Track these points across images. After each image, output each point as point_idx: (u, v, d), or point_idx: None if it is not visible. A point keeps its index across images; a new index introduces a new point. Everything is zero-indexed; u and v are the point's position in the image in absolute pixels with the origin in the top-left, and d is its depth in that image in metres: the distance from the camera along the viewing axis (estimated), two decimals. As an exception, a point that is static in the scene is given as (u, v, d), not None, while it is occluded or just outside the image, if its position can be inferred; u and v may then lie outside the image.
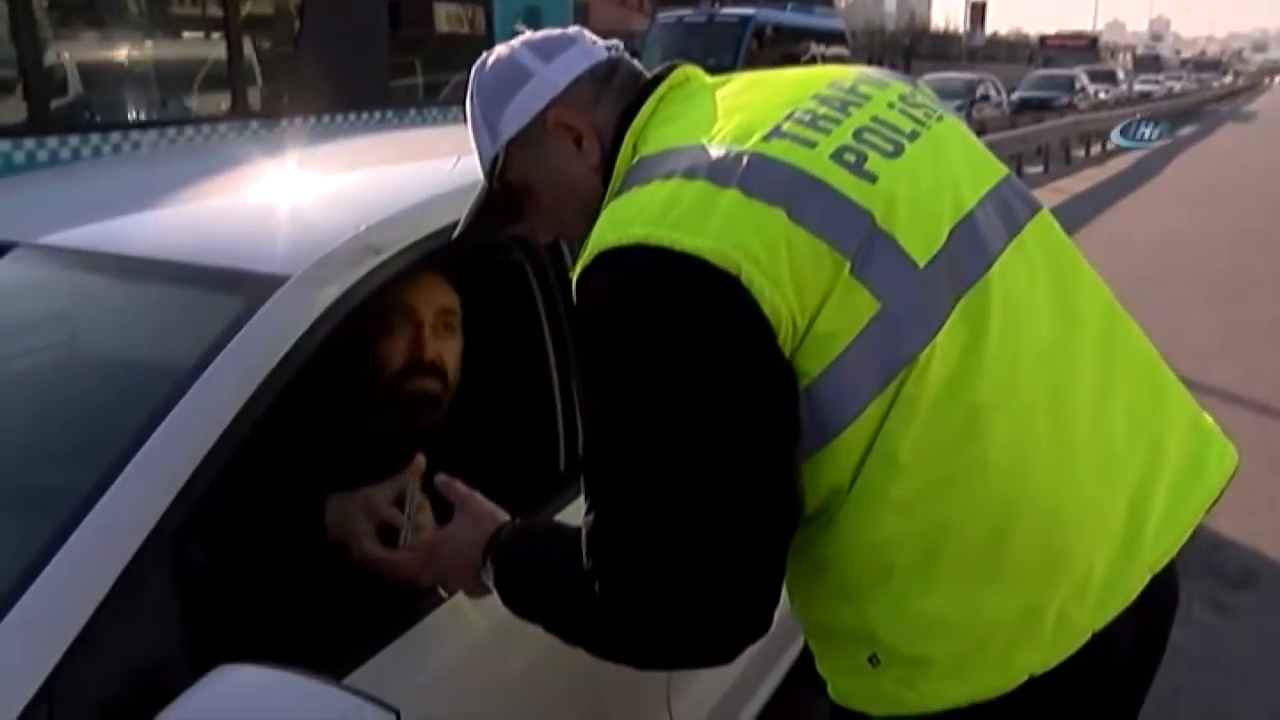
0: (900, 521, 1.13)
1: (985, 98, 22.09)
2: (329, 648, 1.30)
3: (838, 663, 1.24)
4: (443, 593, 1.44)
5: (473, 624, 1.47)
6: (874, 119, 1.23)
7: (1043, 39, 61.22)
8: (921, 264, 1.14)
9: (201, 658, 1.12)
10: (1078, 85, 28.63)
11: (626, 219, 1.11)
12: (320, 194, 1.90)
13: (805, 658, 2.35)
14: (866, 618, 1.16)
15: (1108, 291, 1.34)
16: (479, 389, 1.79)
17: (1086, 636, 1.17)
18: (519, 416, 1.84)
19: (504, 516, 1.37)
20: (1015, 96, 25.73)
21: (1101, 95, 30.63)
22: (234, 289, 1.39)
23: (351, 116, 7.75)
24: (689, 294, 1.07)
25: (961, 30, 51.64)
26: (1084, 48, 54.60)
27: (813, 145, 1.16)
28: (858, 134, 1.19)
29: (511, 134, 1.30)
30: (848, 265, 1.09)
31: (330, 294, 1.39)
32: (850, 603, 1.17)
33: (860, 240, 1.11)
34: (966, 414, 1.12)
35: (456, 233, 1.45)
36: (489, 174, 1.34)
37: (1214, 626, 3.45)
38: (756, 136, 1.16)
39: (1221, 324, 7.49)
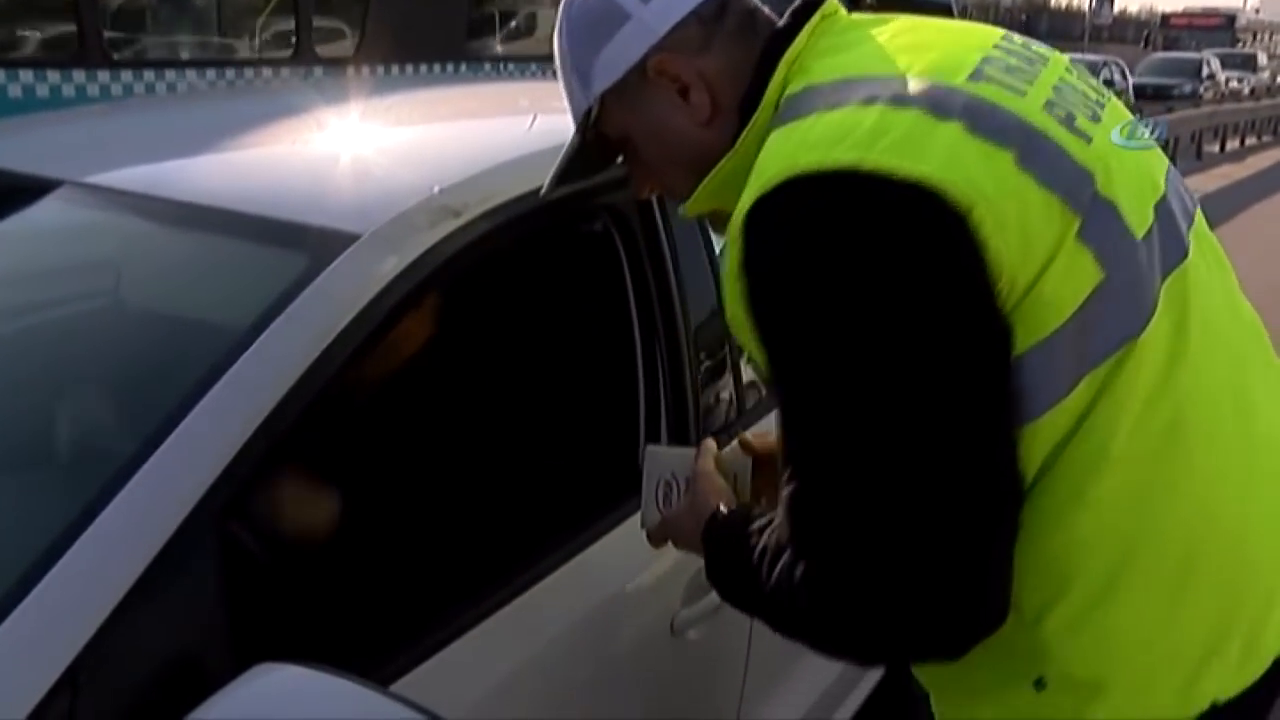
0: (1096, 524, 1.07)
1: (1109, 82, 21.49)
2: (379, 648, 1.26)
3: (988, 689, 1.16)
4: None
5: (532, 634, 1.43)
6: (1061, 80, 1.16)
7: (1165, 17, 59.20)
8: (1139, 237, 1.09)
9: (242, 651, 1.08)
10: (1205, 71, 27.23)
11: (825, 142, 1.02)
12: (393, 148, 1.86)
13: (881, 693, 2.30)
14: (1040, 632, 1.09)
15: None
16: (558, 367, 1.75)
17: (1272, 659, 1.14)
18: (599, 401, 1.80)
19: (728, 495, 1.31)
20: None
21: (1235, 84, 29.45)
22: (298, 245, 1.35)
23: (424, 68, 7.75)
24: (912, 227, 0.99)
25: (1086, 7, 50.45)
26: (1217, 28, 52.81)
27: (1022, 94, 1.09)
28: (1057, 90, 1.13)
29: (606, 86, 1.23)
30: (1077, 224, 1.03)
31: (404, 257, 1.34)
32: (1021, 615, 1.08)
33: (1088, 200, 1.05)
34: (1173, 410, 1.08)
35: (545, 188, 1.38)
36: (581, 125, 1.28)
37: None
38: (962, 75, 1.08)
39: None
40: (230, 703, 1.00)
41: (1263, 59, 35.71)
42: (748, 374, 1.93)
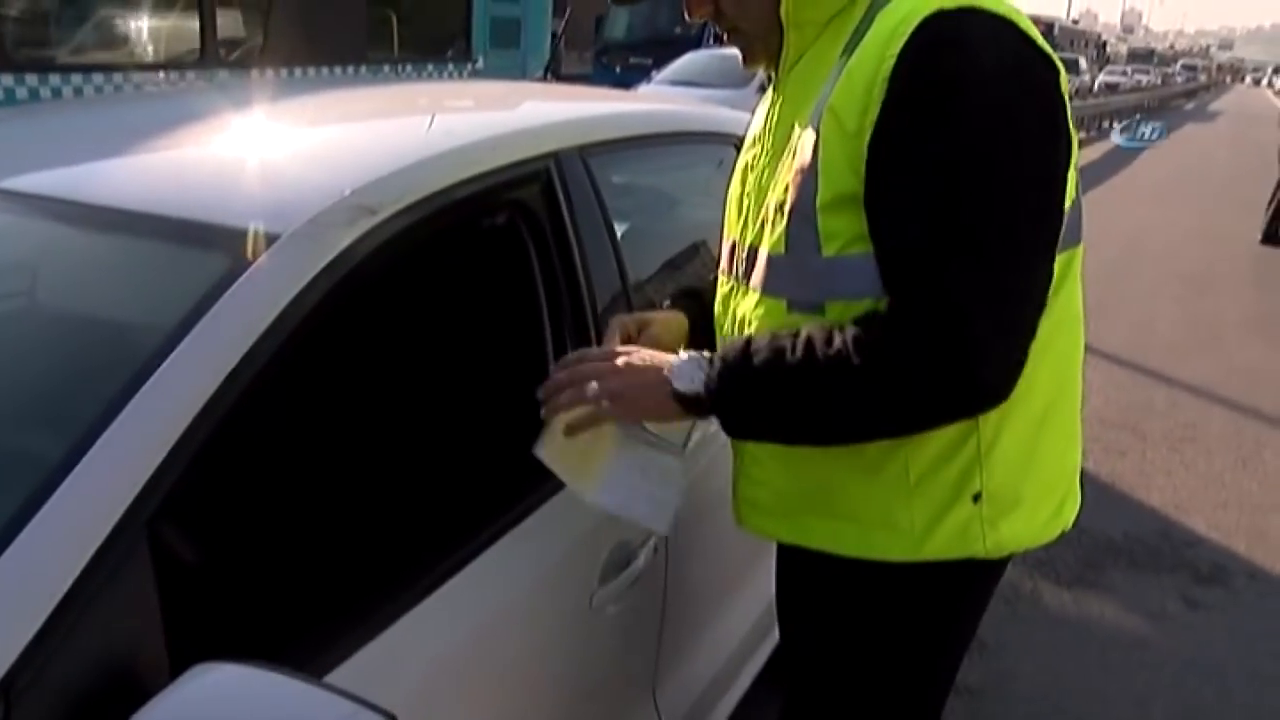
0: (1048, 369, 1.34)
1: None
2: (313, 641, 1.20)
3: (927, 506, 1.35)
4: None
5: (456, 622, 1.38)
6: None
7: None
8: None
9: (179, 653, 1.02)
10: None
11: None
12: (306, 149, 1.77)
13: (774, 658, 2.33)
14: (993, 452, 1.34)
15: None
16: (473, 358, 1.70)
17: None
18: (512, 390, 1.75)
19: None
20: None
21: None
22: (218, 247, 1.28)
23: (325, 70, 7.55)
24: (1050, 67, 1.24)
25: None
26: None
27: None
28: None
29: None
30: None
31: (324, 255, 1.28)
32: (980, 435, 1.33)
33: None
34: (1072, 315, 1.41)
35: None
36: None
37: (1186, 622, 3.44)
38: None
39: (1191, 320, 7.52)
40: (170, 704, 0.93)
41: (1083, 63, 36.98)
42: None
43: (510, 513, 1.53)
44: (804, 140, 1.28)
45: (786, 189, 1.30)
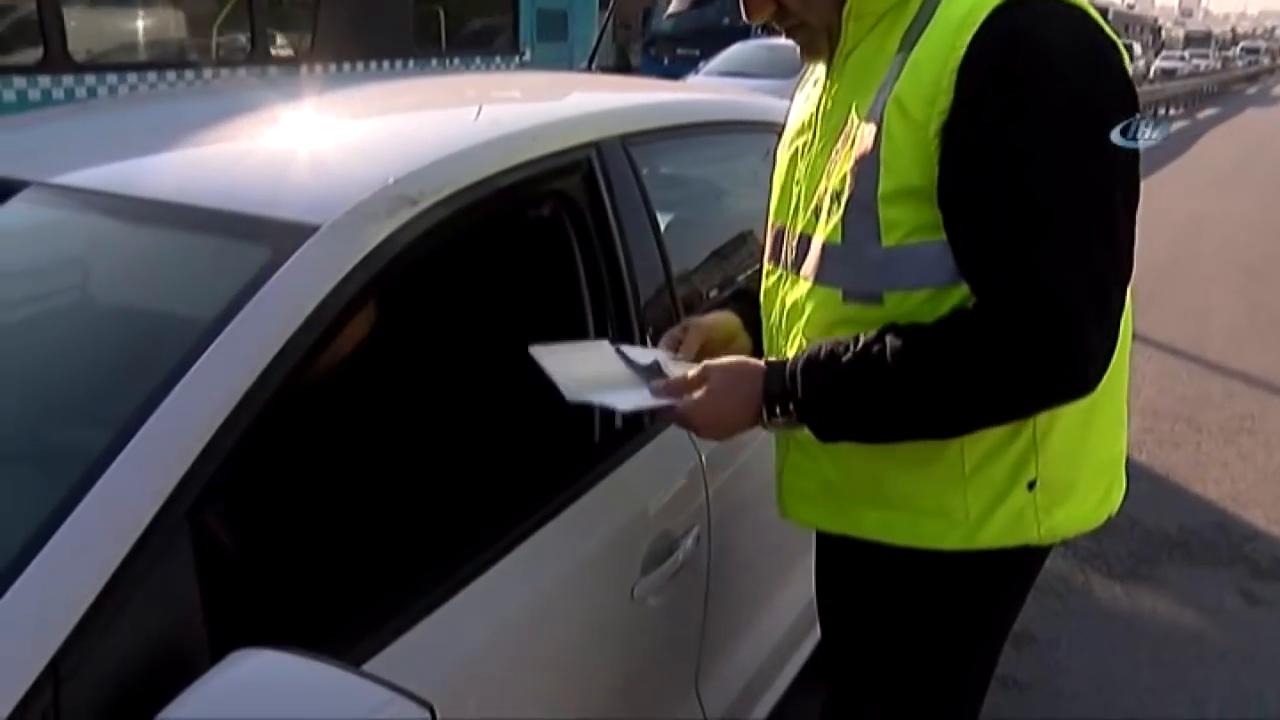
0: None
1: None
2: (351, 630, 1.21)
3: (982, 494, 1.35)
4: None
5: (497, 607, 1.39)
6: None
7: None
8: None
9: (219, 639, 1.03)
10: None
11: None
12: (349, 140, 1.79)
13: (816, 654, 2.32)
14: (1048, 440, 1.34)
15: None
16: (513, 349, 1.70)
17: None
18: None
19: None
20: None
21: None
22: (259, 237, 1.29)
23: (373, 65, 7.61)
24: (1117, 51, 1.25)
25: None
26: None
27: None
28: None
29: None
30: None
31: (363, 246, 1.28)
32: (1035, 424, 1.33)
33: None
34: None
35: (670, 9, 1.42)
36: None
37: (1244, 618, 3.37)
38: None
39: (1251, 310, 7.36)
40: (210, 689, 0.95)
41: (1137, 49, 36.43)
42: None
43: (551, 504, 1.53)
44: (864, 130, 1.28)
45: (845, 178, 1.29)
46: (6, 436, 1.23)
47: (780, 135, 1.54)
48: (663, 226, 1.92)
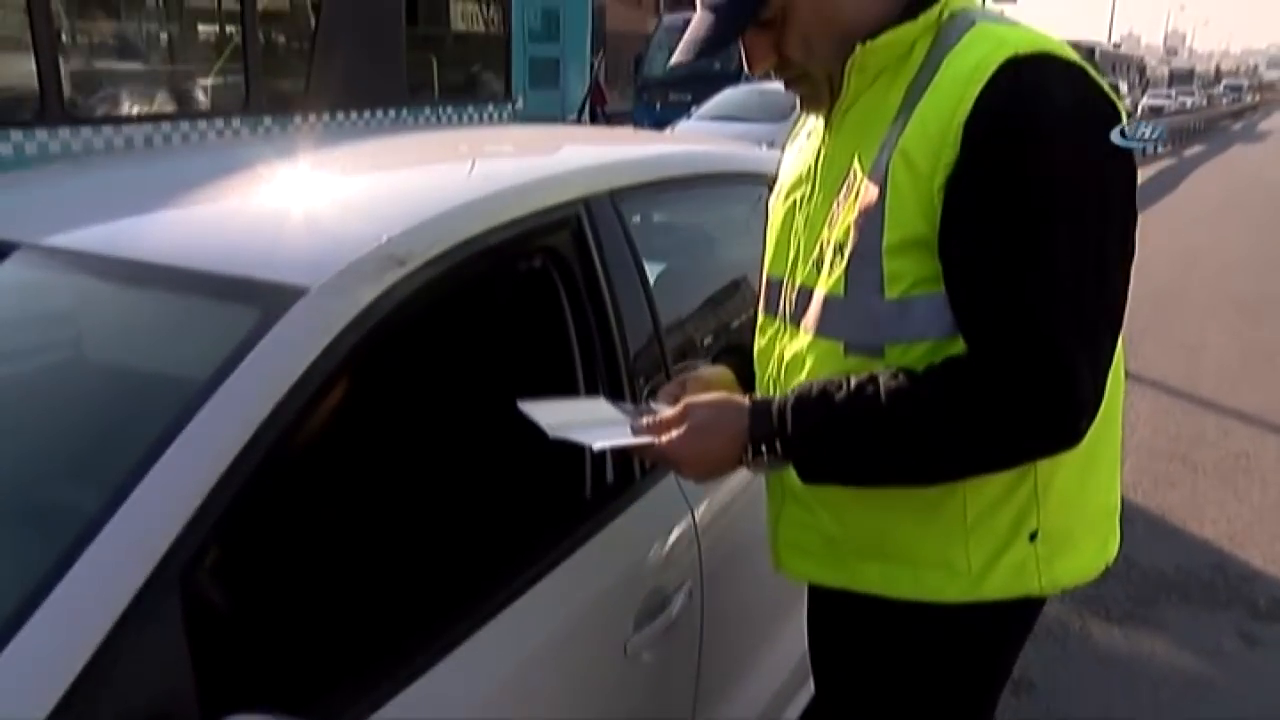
0: (1103, 411, 1.29)
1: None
2: (347, 690, 1.21)
3: (984, 546, 1.35)
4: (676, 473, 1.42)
5: (491, 666, 1.39)
6: None
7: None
8: None
9: (210, 702, 1.03)
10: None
11: (1051, 43, 1.26)
12: (339, 200, 1.81)
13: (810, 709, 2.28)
14: (1048, 492, 1.35)
15: None
16: (504, 405, 1.71)
17: None
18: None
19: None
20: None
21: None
22: (250, 299, 1.30)
23: (367, 114, 7.67)
24: (1115, 109, 1.25)
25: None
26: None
27: None
28: None
29: None
30: None
31: (352, 307, 1.30)
32: (1036, 476, 1.34)
33: None
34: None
35: (674, 59, 1.48)
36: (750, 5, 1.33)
37: (1244, 660, 3.36)
38: None
39: (1245, 346, 7.38)
40: (199, 756, 0.95)
41: (1124, 87, 36.89)
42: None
43: (543, 560, 1.53)
44: (868, 181, 1.29)
45: (848, 230, 1.30)
46: (2, 497, 1.24)
47: (771, 187, 1.56)
48: (652, 278, 1.93)
